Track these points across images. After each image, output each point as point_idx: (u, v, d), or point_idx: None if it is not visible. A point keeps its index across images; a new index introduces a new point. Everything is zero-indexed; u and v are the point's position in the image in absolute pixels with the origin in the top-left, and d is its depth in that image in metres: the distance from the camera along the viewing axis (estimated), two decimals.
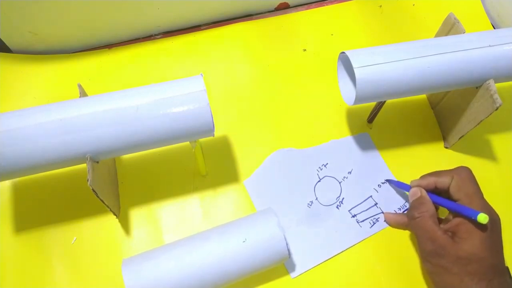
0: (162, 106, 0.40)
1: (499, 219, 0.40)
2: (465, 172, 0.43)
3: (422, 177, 0.46)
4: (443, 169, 0.53)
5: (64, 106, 0.40)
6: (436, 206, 0.44)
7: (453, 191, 0.42)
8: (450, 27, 0.49)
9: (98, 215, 0.48)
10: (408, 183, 0.51)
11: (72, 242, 0.47)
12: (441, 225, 0.41)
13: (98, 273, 0.46)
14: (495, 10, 0.64)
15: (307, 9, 0.64)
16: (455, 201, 0.42)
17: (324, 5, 0.64)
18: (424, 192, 0.43)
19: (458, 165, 0.53)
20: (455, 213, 0.41)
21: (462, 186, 0.42)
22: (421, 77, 0.44)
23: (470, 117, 0.48)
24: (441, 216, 0.46)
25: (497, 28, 0.64)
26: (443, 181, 0.43)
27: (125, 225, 0.48)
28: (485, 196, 0.51)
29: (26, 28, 0.54)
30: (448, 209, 0.43)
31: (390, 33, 0.61)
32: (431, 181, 0.44)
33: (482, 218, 0.37)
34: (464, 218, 0.39)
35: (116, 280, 0.45)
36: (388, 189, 0.51)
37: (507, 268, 0.40)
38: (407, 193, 0.47)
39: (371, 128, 0.55)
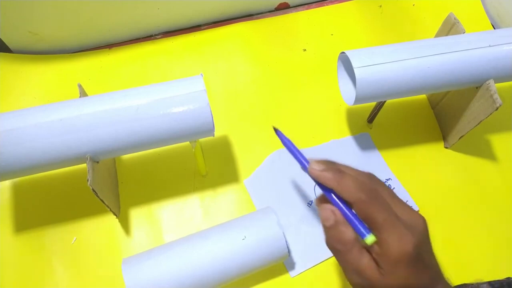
0: (162, 106, 0.40)
1: (425, 226, 0.34)
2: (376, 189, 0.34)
3: (327, 168, 0.35)
4: (443, 169, 0.53)
5: (64, 106, 0.40)
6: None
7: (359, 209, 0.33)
8: (450, 27, 0.49)
9: (98, 215, 0.48)
10: (408, 184, 0.51)
11: (72, 242, 0.47)
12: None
13: (98, 273, 0.46)
14: (495, 10, 0.64)
15: (307, 9, 0.64)
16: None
17: (324, 5, 0.64)
18: (339, 214, 0.34)
19: (459, 166, 0.53)
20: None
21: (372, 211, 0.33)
22: (421, 77, 0.44)
23: (470, 117, 0.48)
24: None
25: (497, 28, 0.64)
26: (346, 193, 0.33)
27: (125, 225, 0.48)
28: (485, 197, 0.51)
29: (26, 28, 0.54)
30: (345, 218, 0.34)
31: (390, 33, 0.62)
32: (332, 184, 0.34)
33: (369, 240, 0.32)
34: (383, 248, 0.32)
35: (116, 280, 0.45)
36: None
37: (441, 273, 0.34)
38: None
39: (371, 128, 0.55)
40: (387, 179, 0.52)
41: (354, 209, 0.33)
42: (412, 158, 0.53)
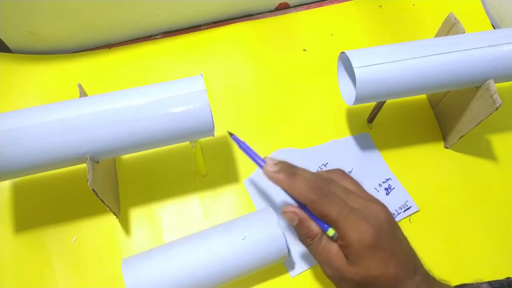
0: (162, 106, 0.40)
1: (384, 215, 0.34)
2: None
3: (280, 170, 0.36)
4: (443, 169, 0.53)
5: (64, 106, 0.40)
6: None
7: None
8: (450, 27, 0.49)
9: (98, 215, 0.48)
10: (408, 184, 0.51)
11: (72, 242, 0.47)
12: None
13: (98, 273, 0.46)
14: (495, 10, 0.64)
15: (307, 9, 0.64)
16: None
17: (324, 5, 0.64)
18: (302, 213, 0.35)
19: (459, 166, 0.53)
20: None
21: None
22: (421, 77, 0.44)
23: (470, 117, 0.48)
24: None
25: (497, 28, 0.64)
26: (296, 194, 0.35)
27: (125, 225, 0.48)
28: (485, 197, 0.51)
29: (26, 28, 0.54)
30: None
31: (390, 33, 0.62)
32: (283, 186, 0.36)
33: (330, 233, 0.34)
34: (344, 240, 0.33)
35: (116, 280, 0.45)
36: (389, 188, 0.51)
37: (416, 264, 0.34)
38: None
39: (371, 128, 0.55)
40: (387, 179, 0.52)
41: (308, 208, 0.35)
42: (412, 158, 0.53)
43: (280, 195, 0.50)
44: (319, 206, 0.34)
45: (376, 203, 0.34)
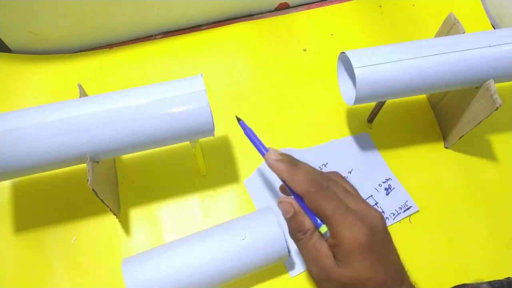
0: (162, 106, 0.40)
1: (380, 221, 0.33)
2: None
3: (281, 161, 0.36)
4: (443, 169, 0.53)
5: (64, 106, 0.40)
6: None
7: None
8: (450, 27, 0.49)
9: (98, 215, 0.48)
10: (408, 184, 0.51)
11: (72, 242, 0.47)
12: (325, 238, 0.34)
13: (98, 273, 0.46)
14: (495, 10, 0.64)
15: (307, 9, 0.64)
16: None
17: (324, 5, 0.64)
18: (298, 206, 0.35)
19: (459, 166, 0.53)
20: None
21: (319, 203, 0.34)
22: (421, 77, 0.44)
23: (470, 117, 0.48)
24: None
25: (497, 28, 0.64)
26: (296, 185, 0.35)
27: (125, 225, 0.48)
28: (485, 197, 0.51)
29: (26, 28, 0.54)
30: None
31: (390, 33, 0.62)
32: (283, 175, 0.35)
33: (322, 230, 0.33)
34: (335, 239, 0.32)
35: (116, 280, 0.45)
36: (389, 188, 0.51)
37: (404, 275, 0.33)
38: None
39: (371, 128, 0.55)
40: (387, 179, 0.52)
41: (305, 201, 0.34)
42: (412, 158, 0.53)
43: (280, 195, 0.50)
44: (316, 199, 0.33)
45: (373, 209, 0.34)
